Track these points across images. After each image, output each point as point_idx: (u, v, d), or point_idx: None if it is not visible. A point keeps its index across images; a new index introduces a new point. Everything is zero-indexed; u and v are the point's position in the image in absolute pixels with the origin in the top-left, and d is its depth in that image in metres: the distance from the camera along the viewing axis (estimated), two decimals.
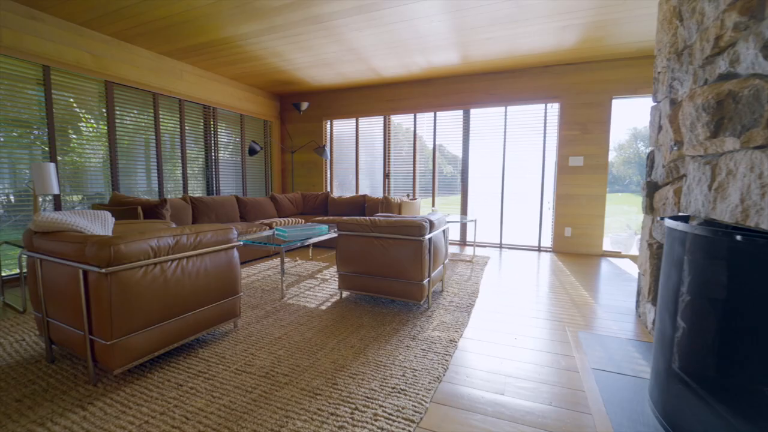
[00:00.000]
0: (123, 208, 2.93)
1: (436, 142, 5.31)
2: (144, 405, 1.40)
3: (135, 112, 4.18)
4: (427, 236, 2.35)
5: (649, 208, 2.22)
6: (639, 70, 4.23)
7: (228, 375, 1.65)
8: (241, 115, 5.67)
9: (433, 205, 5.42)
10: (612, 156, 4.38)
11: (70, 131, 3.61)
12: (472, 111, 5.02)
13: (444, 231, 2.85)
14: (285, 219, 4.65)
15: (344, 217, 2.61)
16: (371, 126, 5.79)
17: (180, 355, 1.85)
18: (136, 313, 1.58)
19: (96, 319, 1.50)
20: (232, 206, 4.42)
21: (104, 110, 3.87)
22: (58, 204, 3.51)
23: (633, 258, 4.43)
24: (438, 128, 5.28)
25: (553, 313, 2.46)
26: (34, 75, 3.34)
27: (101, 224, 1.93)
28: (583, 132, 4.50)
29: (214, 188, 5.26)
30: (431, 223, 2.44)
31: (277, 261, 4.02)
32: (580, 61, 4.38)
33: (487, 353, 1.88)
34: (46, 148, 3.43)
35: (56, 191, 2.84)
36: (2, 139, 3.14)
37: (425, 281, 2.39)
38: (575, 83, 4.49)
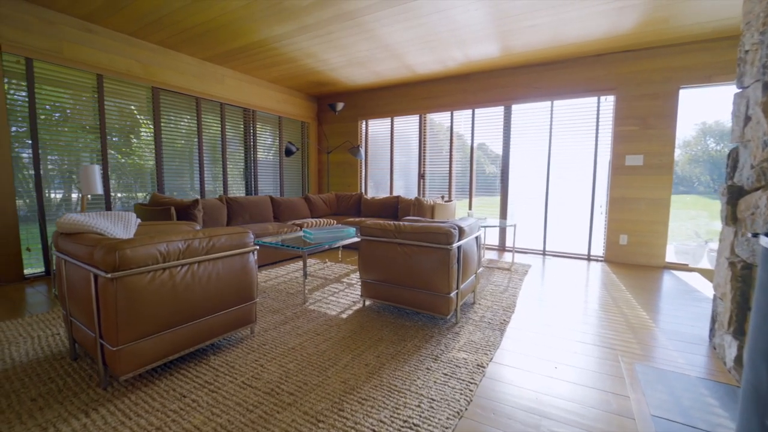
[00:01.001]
0: (159, 209, 3.03)
1: (474, 141, 5.00)
2: (143, 416, 1.36)
3: (179, 115, 4.37)
4: (456, 244, 2.14)
5: (731, 218, 1.82)
6: (713, 54, 3.63)
7: (233, 388, 1.57)
8: (279, 117, 5.77)
9: (470, 208, 5.12)
10: (676, 154, 3.81)
11: (131, 136, 3.84)
12: (514, 107, 4.66)
13: (477, 238, 2.60)
14: (317, 220, 4.63)
15: (368, 221, 2.47)
16: (406, 125, 5.61)
17: (192, 360, 1.81)
18: (144, 319, 1.55)
19: (104, 323, 1.49)
20: (266, 206, 4.47)
21: (151, 114, 4.09)
22: (108, 203, 3.74)
23: (704, 272, 3.82)
24: (476, 126, 4.97)
25: (604, 338, 2.13)
26: (90, 83, 3.59)
27: (124, 226, 1.96)
28: (644, 127, 3.97)
29: (253, 189, 5.39)
30: (461, 230, 2.22)
31: (307, 262, 3.98)
32: (639, 47, 3.86)
33: (519, 384, 1.63)
34: (112, 151, 3.68)
35: (100, 191, 3.00)
36: (62, 143, 3.40)
37: (453, 294, 2.18)
38: (634, 72, 3.97)
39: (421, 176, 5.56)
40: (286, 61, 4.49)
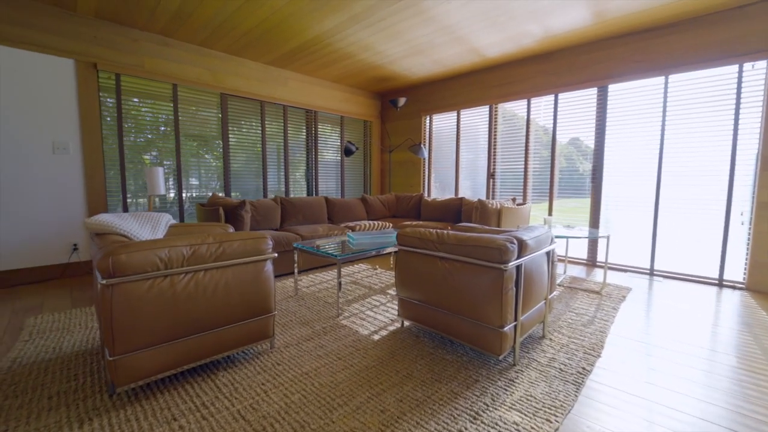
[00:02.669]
0: (210, 209, 3.09)
1: (557, 133, 4.20)
2: None
3: (244, 119, 4.55)
4: (514, 263, 1.62)
5: None
6: None
7: (225, 417, 1.35)
8: (342, 117, 5.70)
9: (549, 213, 4.32)
10: None
11: (203, 139, 4.13)
12: (611, 87, 3.75)
13: (550, 253, 2.01)
14: (371, 222, 4.38)
15: (407, 227, 2.08)
16: (474, 118, 5.02)
17: (200, 375, 1.66)
18: (142, 329, 1.42)
19: (103, 332, 1.40)
20: (320, 207, 4.38)
21: (220, 119, 4.31)
22: (180, 202, 4.03)
23: None
24: (560, 114, 4.17)
25: (748, 418, 1.39)
26: (167, 92, 3.90)
27: (152, 227, 1.92)
28: None
29: (313, 189, 5.41)
30: (522, 244, 1.69)
31: (354, 268, 3.76)
32: None
33: None
34: (194, 155, 3.99)
35: (162, 192, 3.18)
36: (142, 146, 3.75)
37: (508, 328, 1.66)
38: None
39: (491, 175, 4.91)
40: (344, 58, 4.33)
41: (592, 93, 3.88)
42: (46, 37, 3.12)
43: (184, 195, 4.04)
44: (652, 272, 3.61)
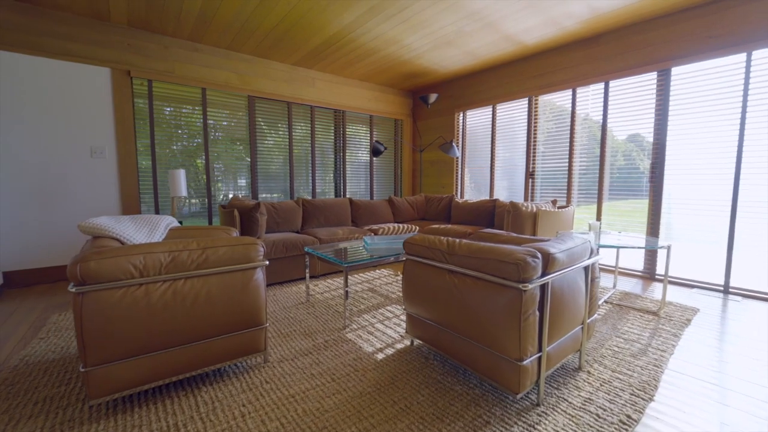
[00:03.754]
0: (226, 211, 3.06)
1: (608, 125, 3.68)
2: None
3: (271, 120, 4.55)
4: (537, 282, 1.32)
5: None
6: None
7: None
8: (371, 116, 5.55)
9: (598, 217, 3.81)
10: None
11: (230, 141, 4.20)
12: (675, 71, 3.19)
13: (589, 268, 1.66)
14: (396, 225, 4.16)
15: (416, 234, 1.84)
16: (512, 113, 4.61)
17: (185, 389, 1.56)
18: (115, 340, 1.34)
19: (77, 342, 1.34)
20: (343, 209, 4.25)
21: (247, 120, 4.35)
22: (210, 204, 4.11)
23: None
24: (611, 105, 3.65)
25: None
26: (196, 96, 3.99)
27: (149, 231, 1.87)
28: None
29: (341, 190, 5.31)
30: (549, 259, 1.38)
31: (374, 273, 3.56)
32: None
33: None
34: (248, 158, 4.08)
35: (184, 194, 3.22)
36: (175, 150, 3.87)
37: (528, 361, 1.36)
38: None
39: (530, 175, 4.47)
40: (368, 54, 4.16)
41: (650, 78, 3.34)
42: (84, 48, 3.29)
43: (217, 196, 4.12)
44: (726, 289, 3.00)
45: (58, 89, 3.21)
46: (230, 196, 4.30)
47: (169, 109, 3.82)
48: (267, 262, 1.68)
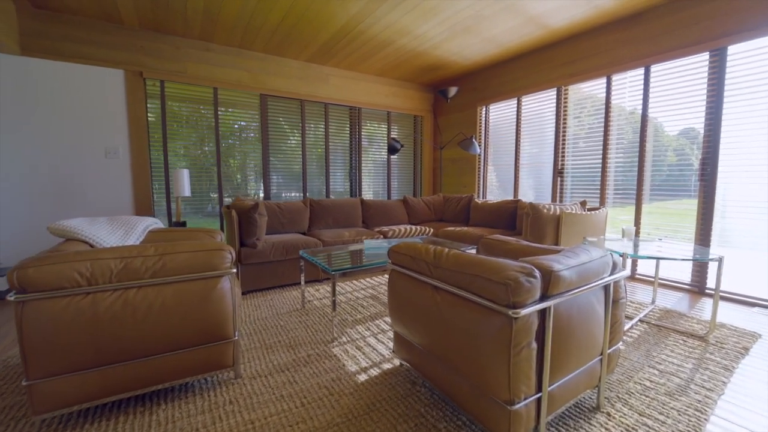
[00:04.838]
0: (227, 211, 2.99)
1: (648, 116, 3.22)
2: None
3: (284, 119, 4.48)
4: (533, 307, 1.06)
5: None
6: None
7: None
8: (388, 113, 5.33)
9: (637, 220, 3.35)
10: None
11: (241, 139, 4.19)
12: (732, 49, 2.70)
13: (610, 287, 1.36)
14: (407, 227, 3.93)
15: (401, 244, 1.61)
16: (538, 104, 4.21)
17: (143, 405, 1.45)
18: (60, 352, 1.24)
19: (20, 353, 1.25)
20: (353, 210, 4.08)
21: (260, 119, 4.30)
22: (220, 203, 4.10)
23: None
24: (652, 92, 3.19)
25: None
26: (207, 96, 3.99)
27: (123, 233, 1.79)
28: None
29: (357, 190, 5.15)
30: (551, 277, 1.11)
31: (381, 279, 3.36)
32: None
33: None
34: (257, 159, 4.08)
35: (187, 194, 3.19)
36: (186, 149, 3.90)
37: (521, 405, 1.10)
38: None
39: (559, 173, 4.05)
40: (381, 46, 3.95)
41: (701, 60, 2.85)
42: (99, 51, 3.36)
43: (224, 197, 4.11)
44: None
45: (73, 91, 3.30)
46: (253, 194, 4.30)
47: (180, 108, 3.83)
48: (234, 270, 1.53)
